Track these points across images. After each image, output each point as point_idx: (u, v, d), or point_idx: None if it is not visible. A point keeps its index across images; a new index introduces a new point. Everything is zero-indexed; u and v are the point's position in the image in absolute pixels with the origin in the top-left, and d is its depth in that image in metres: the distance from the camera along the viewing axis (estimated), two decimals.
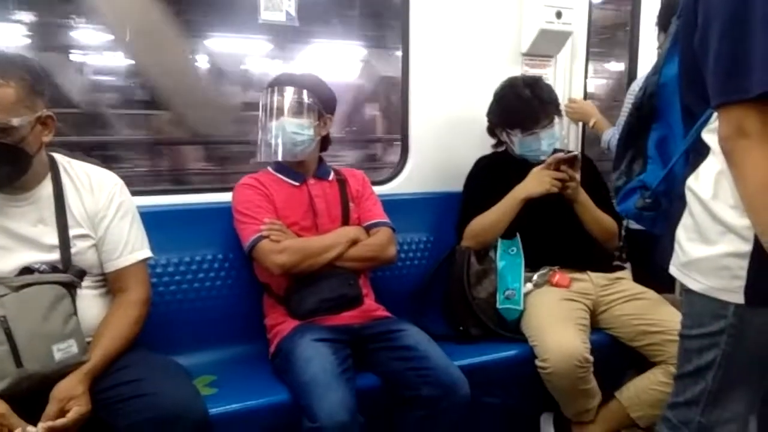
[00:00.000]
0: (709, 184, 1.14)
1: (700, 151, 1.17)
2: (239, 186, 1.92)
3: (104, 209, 1.56)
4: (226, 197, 1.96)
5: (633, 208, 1.42)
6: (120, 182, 1.62)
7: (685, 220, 1.20)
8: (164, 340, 1.74)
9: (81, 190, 1.55)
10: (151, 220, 1.71)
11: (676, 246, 1.22)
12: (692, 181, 1.18)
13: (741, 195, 1.05)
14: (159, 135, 4.02)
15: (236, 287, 1.98)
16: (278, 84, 1.88)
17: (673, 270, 1.24)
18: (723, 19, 1.03)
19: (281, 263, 1.77)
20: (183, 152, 4.11)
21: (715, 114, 1.09)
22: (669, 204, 1.33)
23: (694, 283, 1.17)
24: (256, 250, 1.80)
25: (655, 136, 1.38)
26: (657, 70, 1.36)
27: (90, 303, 1.53)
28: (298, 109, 1.86)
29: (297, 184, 1.93)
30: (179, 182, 3.97)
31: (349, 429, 1.48)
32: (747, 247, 1.08)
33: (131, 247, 1.58)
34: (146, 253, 1.62)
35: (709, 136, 1.14)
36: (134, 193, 1.68)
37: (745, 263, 1.09)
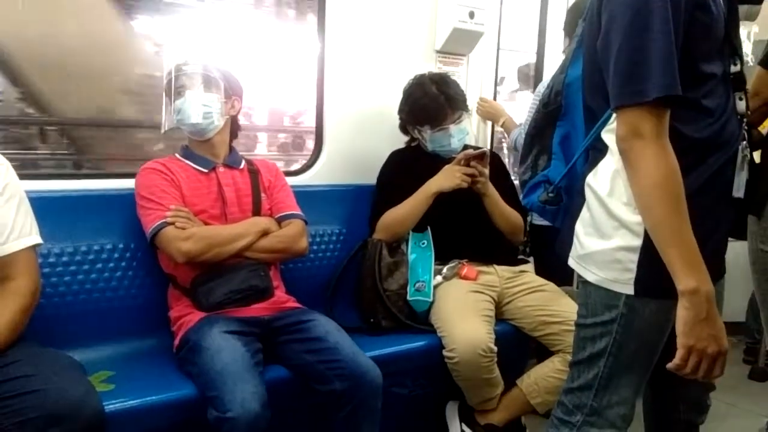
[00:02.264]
0: (606, 181, 1.18)
1: (600, 149, 1.22)
2: (143, 170, 1.82)
3: None
4: (126, 183, 1.87)
5: (537, 202, 1.47)
6: (6, 163, 1.49)
7: (584, 215, 1.24)
8: (57, 335, 1.63)
9: None
10: (43, 206, 1.60)
11: (575, 239, 1.26)
12: (591, 178, 1.23)
13: (634, 193, 1.10)
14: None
15: (137, 278, 1.89)
16: (185, 60, 1.85)
17: (572, 262, 1.29)
18: (624, 25, 1.07)
19: (186, 251, 1.70)
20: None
21: (615, 115, 1.13)
22: (570, 199, 1.39)
23: (590, 274, 1.22)
24: (160, 237, 1.72)
25: (559, 133, 1.44)
26: (563, 69, 1.41)
27: None
28: (206, 83, 1.83)
29: (205, 170, 1.87)
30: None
31: (261, 419, 1.45)
32: (637, 242, 1.13)
33: (18, 232, 1.45)
34: (35, 239, 1.50)
35: (608, 136, 1.19)
36: (24, 177, 1.55)
37: (635, 257, 1.14)
